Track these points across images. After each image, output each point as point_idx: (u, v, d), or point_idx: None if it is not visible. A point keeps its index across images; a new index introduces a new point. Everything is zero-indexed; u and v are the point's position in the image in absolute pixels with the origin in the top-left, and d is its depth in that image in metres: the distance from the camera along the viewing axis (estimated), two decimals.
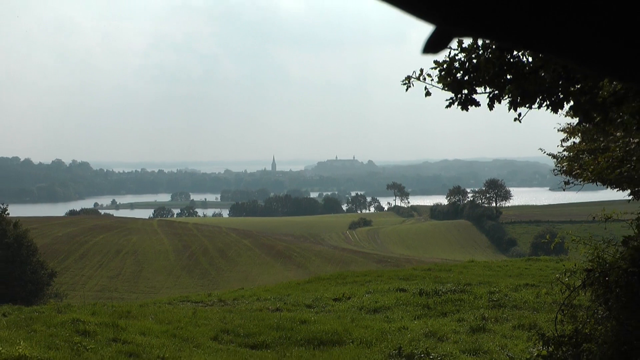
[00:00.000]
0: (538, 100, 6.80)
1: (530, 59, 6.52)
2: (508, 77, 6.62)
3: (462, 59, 6.68)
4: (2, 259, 39.89)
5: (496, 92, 6.77)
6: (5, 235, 41.54)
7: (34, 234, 48.90)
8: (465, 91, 6.75)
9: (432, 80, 6.82)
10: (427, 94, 6.90)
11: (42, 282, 42.47)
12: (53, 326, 10.24)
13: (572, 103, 6.89)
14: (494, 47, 6.55)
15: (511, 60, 6.56)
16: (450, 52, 6.70)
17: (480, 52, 6.66)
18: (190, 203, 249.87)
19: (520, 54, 6.53)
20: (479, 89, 6.77)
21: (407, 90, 7.03)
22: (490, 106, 6.81)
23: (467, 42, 6.64)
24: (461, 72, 6.70)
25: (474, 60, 6.66)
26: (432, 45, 0.87)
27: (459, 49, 6.65)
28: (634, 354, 6.16)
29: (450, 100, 6.81)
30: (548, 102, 6.81)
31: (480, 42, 6.58)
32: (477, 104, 6.79)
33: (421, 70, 6.86)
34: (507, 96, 6.74)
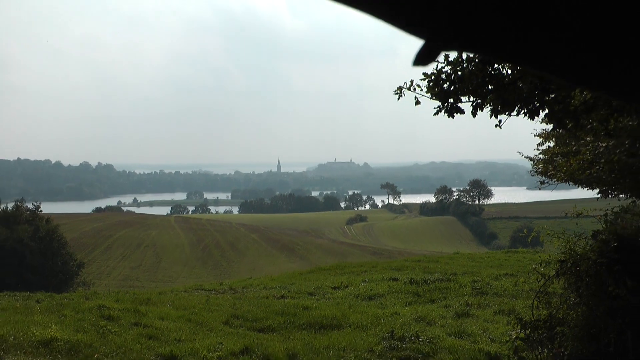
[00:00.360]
0: (516, 108, 6.81)
1: (509, 72, 6.52)
2: (489, 87, 6.62)
3: (448, 71, 6.68)
4: (36, 252, 39.92)
5: (479, 101, 6.77)
6: (38, 230, 41.58)
7: (64, 229, 48.86)
8: (451, 100, 6.75)
9: (422, 90, 6.82)
10: (417, 102, 6.90)
11: (72, 272, 42.47)
12: (81, 311, 10.25)
13: (547, 111, 6.89)
14: (477, 60, 6.55)
15: (492, 72, 6.57)
16: (437, 65, 6.70)
17: (464, 65, 6.66)
18: (203, 201, 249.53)
19: (500, 67, 6.53)
20: (463, 98, 6.77)
21: (398, 99, 7.03)
22: (474, 114, 6.81)
23: (452, 55, 6.64)
24: (447, 83, 6.70)
25: (459, 73, 6.66)
26: (422, 58, 0.88)
27: (446, 62, 6.65)
28: (602, 336, 6.16)
29: (438, 108, 6.82)
30: (525, 110, 6.81)
31: (464, 55, 6.58)
32: (462, 112, 6.79)
33: (411, 81, 6.86)
34: (488, 105, 6.75)
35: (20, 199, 47.43)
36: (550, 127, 10.03)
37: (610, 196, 12.62)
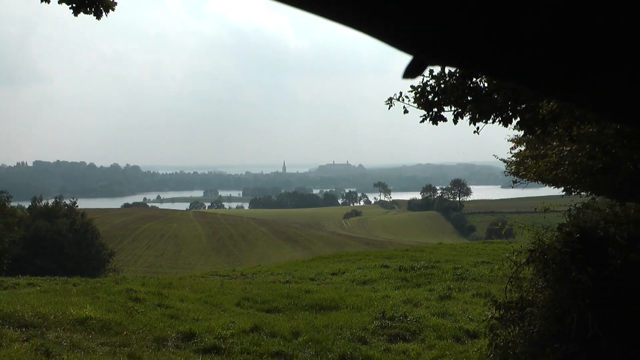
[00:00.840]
0: (492, 117, 6.80)
1: (486, 85, 6.51)
2: (469, 98, 6.61)
3: (433, 84, 6.68)
4: (73, 242, 39.95)
5: (459, 110, 6.76)
6: (75, 223, 41.62)
7: (97, 222, 48.87)
8: (435, 109, 6.75)
9: (409, 100, 6.82)
10: (405, 111, 6.89)
11: (103, 260, 42.50)
12: (112, 294, 10.25)
13: (518, 119, 6.88)
14: (457, 75, 6.54)
15: (471, 85, 6.56)
16: (423, 79, 6.70)
17: (446, 79, 6.65)
18: (218, 198, 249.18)
19: (478, 80, 6.52)
20: (446, 108, 6.77)
21: (389, 108, 7.02)
22: (455, 121, 6.81)
23: (436, 70, 6.64)
24: (432, 94, 6.70)
25: (442, 85, 6.65)
26: (410, 72, 0.88)
27: (430, 76, 6.64)
28: (566, 316, 6.16)
29: (424, 117, 6.81)
30: (500, 118, 6.81)
31: (447, 70, 6.57)
32: (445, 120, 6.79)
33: (400, 93, 6.86)
34: (468, 114, 6.74)
35: (59, 196, 47.49)
36: (521, 133, 10.02)
37: (573, 194, 12.61)
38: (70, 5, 7.46)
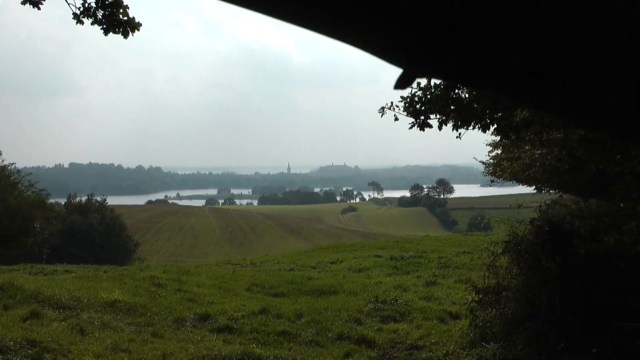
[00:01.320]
0: (472, 124, 6.78)
1: (467, 95, 6.50)
2: (452, 107, 6.60)
3: (420, 95, 6.66)
4: (103, 234, 39.95)
5: (444, 118, 6.74)
6: (105, 218, 41.62)
7: (124, 217, 48.83)
8: (422, 117, 6.73)
9: (399, 109, 6.80)
10: (396, 119, 6.87)
11: (130, 250, 42.50)
12: (137, 280, 10.24)
13: (495, 126, 6.87)
14: (442, 86, 6.54)
15: (454, 96, 6.54)
16: (411, 90, 6.68)
17: (432, 90, 6.64)
18: (230, 195, 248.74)
19: (460, 92, 6.51)
20: (431, 116, 6.75)
21: (382, 116, 7.00)
22: (440, 128, 6.79)
23: (423, 82, 6.62)
24: (419, 104, 6.68)
25: (428, 96, 6.64)
26: (401, 84, 0.88)
27: (418, 87, 6.63)
28: (536, 300, 6.15)
29: (412, 124, 6.79)
30: (479, 125, 6.79)
31: (432, 82, 6.56)
32: (430, 127, 6.77)
33: (391, 103, 6.84)
34: (451, 121, 6.72)
35: (91, 193, 47.55)
36: (498, 138, 10.02)
37: (543, 192, 12.59)
38: (101, 26, 7.48)
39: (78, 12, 7.47)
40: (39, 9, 7.63)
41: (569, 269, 5.99)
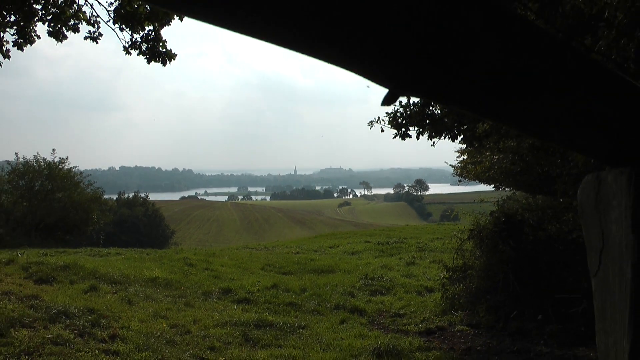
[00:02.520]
0: (444, 134, 6.79)
1: (439, 112, 6.50)
2: (427, 121, 6.60)
3: (402, 111, 6.66)
4: (146, 224, 39.92)
5: (421, 130, 6.75)
6: (147, 210, 41.57)
7: (162, 210, 48.63)
8: (403, 129, 6.73)
9: (385, 122, 6.81)
10: (382, 130, 6.88)
11: (167, 237, 42.44)
12: (173, 260, 10.23)
13: (462, 136, 6.87)
14: (419, 104, 6.53)
15: (428, 112, 6.55)
16: (394, 107, 6.68)
17: (412, 107, 6.64)
18: (248, 193, 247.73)
19: (434, 108, 6.51)
20: (411, 128, 6.75)
21: (371, 128, 7.00)
22: (418, 137, 6.81)
23: (404, 100, 6.62)
24: (401, 118, 6.69)
25: (408, 112, 6.64)
26: (387, 101, 0.87)
27: (400, 105, 6.63)
28: (495, 277, 6.14)
29: (395, 134, 6.80)
30: (449, 136, 6.80)
31: (412, 100, 6.56)
32: (410, 137, 6.78)
33: (378, 117, 6.85)
34: (427, 132, 6.72)
35: (137, 191, 47.48)
36: (464, 146, 10.00)
37: (500, 189, 12.59)
38: (145, 57, 7.50)
39: (127, 45, 7.49)
40: (97, 43, 7.65)
41: (520, 252, 5.98)
